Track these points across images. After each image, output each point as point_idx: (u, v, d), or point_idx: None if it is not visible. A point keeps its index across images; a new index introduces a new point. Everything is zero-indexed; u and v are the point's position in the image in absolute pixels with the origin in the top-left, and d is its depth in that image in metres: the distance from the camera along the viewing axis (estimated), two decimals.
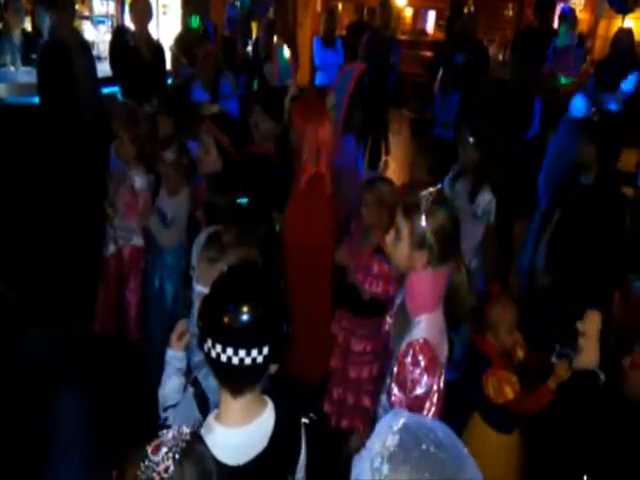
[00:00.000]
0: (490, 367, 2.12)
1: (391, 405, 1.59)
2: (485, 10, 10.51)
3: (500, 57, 6.46)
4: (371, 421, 1.88)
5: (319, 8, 9.97)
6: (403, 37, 10.86)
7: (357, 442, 2.50)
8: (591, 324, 1.52)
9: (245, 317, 1.12)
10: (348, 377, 2.54)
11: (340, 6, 11.51)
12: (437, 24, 11.62)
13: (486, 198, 2.78)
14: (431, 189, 1.65)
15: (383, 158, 6.27)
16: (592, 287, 2.65)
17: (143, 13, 4.33)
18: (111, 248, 2.97)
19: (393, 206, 2.33)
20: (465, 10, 7.22)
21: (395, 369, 1.59)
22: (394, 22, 10.44)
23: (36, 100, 4.17)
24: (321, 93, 3.48)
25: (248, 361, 1.12)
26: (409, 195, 1.83)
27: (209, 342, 1.14)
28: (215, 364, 1.15)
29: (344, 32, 7.52)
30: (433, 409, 1.53)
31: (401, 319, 1.73)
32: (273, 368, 1.21)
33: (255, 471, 1.19)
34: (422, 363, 1.53)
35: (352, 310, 2.54)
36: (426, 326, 1.60)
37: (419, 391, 1.52)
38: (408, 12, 12.22)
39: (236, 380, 1.18)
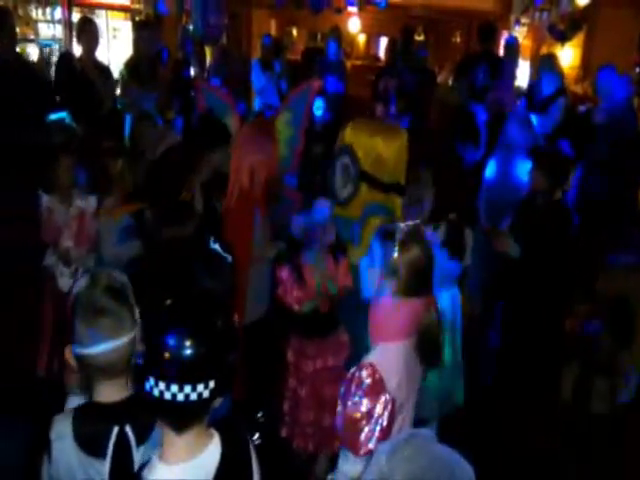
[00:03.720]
0: None
1: (337, 424, 1.60)
2: (434, 37, 10.93)
3: (450, 82, 6.67)
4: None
5: (273, 33, 10.11)
6: (357, 62, 11.14)
7: (323, 465, 2.47)
8: None
9: (190, 351, 1.08)
10: (300, 397, 2.52)
11: (295, 31, 11.72)
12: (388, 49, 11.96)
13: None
14: (410, 222, 1.72)
15: None
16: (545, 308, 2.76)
17: (90, 36, 4.27)
18: (68, 283, 2.81)
19: None
20: (415, 37, 7.47)
21: (343, 389, 1.62)
22: (348, 48, 10.74)
23: None
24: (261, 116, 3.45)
25: (194, 397, 1.09)
26: (387, 224, 1.88)
27: (151, 380, 1.09)
28: (158, 402, 1.10)
29: (299, 57, 7.64)
30: (374, 435, 1.54)
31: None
32: (218, 401, 1.17)
33: None
34: (364, 386, 1.54)
35: (304, 332, 2.53)
36: (379, 353, 1.63)
37: (357, 414, 1.55)
38: (361, 38, 12.56)
39: (181, 417, 1.14)
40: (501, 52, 5.74)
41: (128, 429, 1.37)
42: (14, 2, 6.02)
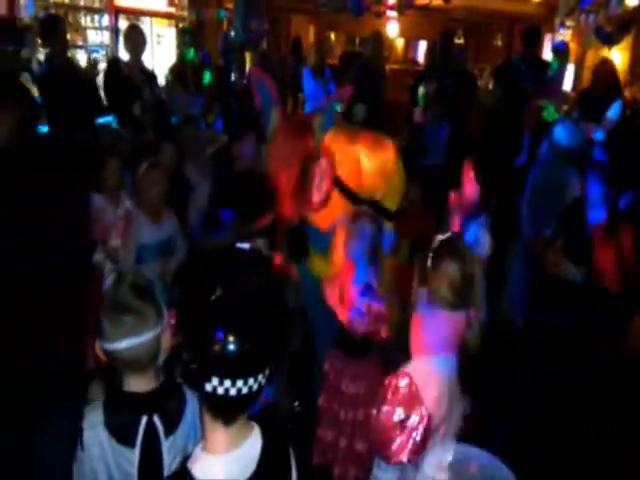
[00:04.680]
0: None
1: (371, 429, 1.59)
2: (474, 41, 10.80)
3: (490, 86, 6.56)
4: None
5: (312, 38, 10.19)
6: (395, 66, 11.10)
7: None
8: None
9: (250, 345, 1.10)
10: (339, 419, 2.41)
11: (333, 36, 11.79)
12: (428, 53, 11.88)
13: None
14: (449, 234, 1.70)
15: None
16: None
17: (137, 43, 4.39)
18: None
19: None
20: (455, 40, 7.39)
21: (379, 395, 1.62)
22: (386, 52, 10.72)
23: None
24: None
25: (255, 387, 1.12)
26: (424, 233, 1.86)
27: (214, 381, 1.09)
28: (220, 399, 1.11)
29: (336, 62, 7.68)
30: (407, 448, 1.52)
31: None
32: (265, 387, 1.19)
33: None
34: (399, 395, 1.53)
35: (345, 350, 2.42)
36: (417, 365, 1.62)
37: (389, 422, 1.53)
38: (400, 42, 12.52)
39: (234, 409, 1.15)
40: (545, 56, 5.61)
41: (156, 419, 1.41)
42: (65, 10, 6.28)
